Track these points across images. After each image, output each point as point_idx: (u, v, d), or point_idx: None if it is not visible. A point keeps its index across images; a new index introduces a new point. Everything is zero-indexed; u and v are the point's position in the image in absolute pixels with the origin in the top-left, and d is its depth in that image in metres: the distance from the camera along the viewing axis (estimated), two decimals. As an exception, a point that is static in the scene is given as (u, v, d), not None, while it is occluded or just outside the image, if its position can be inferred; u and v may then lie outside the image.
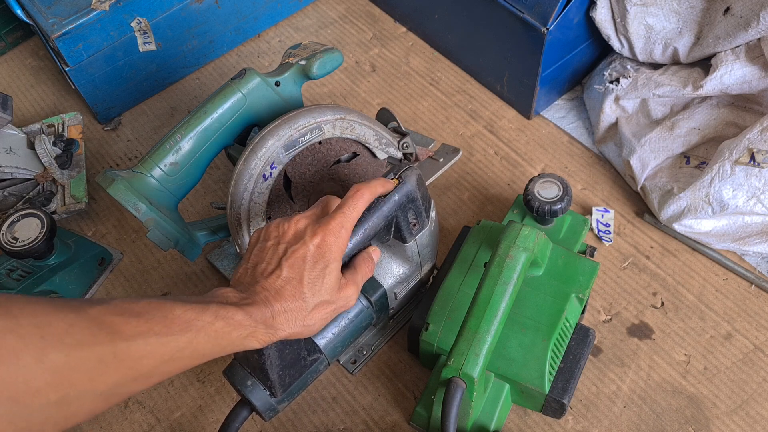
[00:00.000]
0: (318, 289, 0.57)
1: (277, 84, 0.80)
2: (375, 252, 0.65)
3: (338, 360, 0.80)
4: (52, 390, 0.42)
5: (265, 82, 0.79)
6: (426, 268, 0.77)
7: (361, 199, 0.61)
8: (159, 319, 0.48)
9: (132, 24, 0.98)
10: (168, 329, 0.48)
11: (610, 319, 0.81)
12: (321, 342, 0.68)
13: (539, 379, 0.70)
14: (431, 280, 0.79)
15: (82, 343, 0.44)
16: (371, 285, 0.72)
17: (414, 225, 0.70)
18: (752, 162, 0.79)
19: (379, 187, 0.64)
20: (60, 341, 0.43)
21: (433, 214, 0.73)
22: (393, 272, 0.73)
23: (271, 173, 0.74)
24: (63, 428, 0.44)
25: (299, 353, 0.65)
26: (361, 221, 0.64)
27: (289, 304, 0.56)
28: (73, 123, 1.04)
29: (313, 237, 0.57)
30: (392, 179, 0.66)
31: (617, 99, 0.93)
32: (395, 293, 0.74)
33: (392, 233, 0.70)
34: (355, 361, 0.79)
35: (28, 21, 0.96)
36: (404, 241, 0.71)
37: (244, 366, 0.64)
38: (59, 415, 0.44)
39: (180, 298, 0.52)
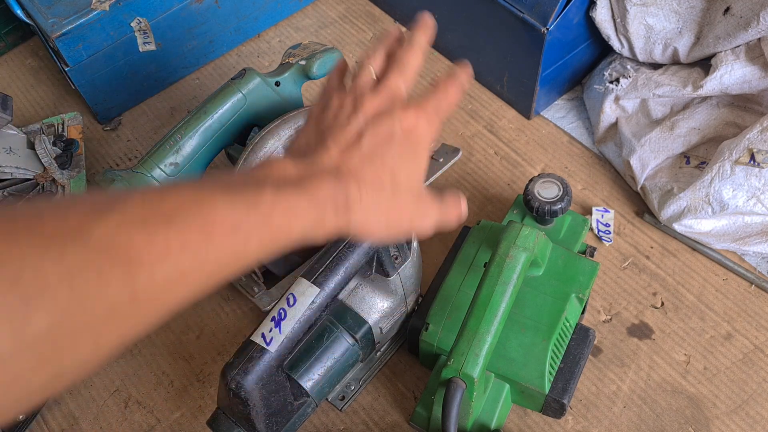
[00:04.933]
0: (402, 180, 0.45)
1: (277, 84, 0.80)
2: (462, 199, 0.52)
3: (326, 398, 0.77)
4: (35, 373, 0.28)
5: (265, 82, 0.79)
6: (411, 300, 0.75)
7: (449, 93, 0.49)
8: (197, 227, 0.33)
9: (132, 24, 0.98)
10: (207, 239, 0.33)
11: (610, 319, 0.81)
12: (307, 384, 0.66)
13: (539, 379, 0.70)
14: (417, 308, 0.78)
15: (85, 293, 0.28)
16: (356, 322, 0.70)
17: (396, 258, 0.69)
18: (752, 162, 0.79)
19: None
20: (51, 296, 0.27)
21: (414, 244, 0.71)
22: (377, 307, 0.71)
23: (271, 173, 0.74)
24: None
25: (285, 399, 0.63)
26: (341, 259, 0.62)
27: (368, 187, 0.43)
28: (73, 123, 1.03)
29: (405, 114, 0.45)
30: None
31: (617, 99, 0.93)
32: (380, 328, 0.72)
33: (374, 268, 0.69)
34: (343, 398, 0.77)
35: (28, 21, 0.96)
36: (387, 275, 0.69)
37: (228, 416, 0.62)
38: (41, 392, 0.29)
39: (222, 183, 0.37)
